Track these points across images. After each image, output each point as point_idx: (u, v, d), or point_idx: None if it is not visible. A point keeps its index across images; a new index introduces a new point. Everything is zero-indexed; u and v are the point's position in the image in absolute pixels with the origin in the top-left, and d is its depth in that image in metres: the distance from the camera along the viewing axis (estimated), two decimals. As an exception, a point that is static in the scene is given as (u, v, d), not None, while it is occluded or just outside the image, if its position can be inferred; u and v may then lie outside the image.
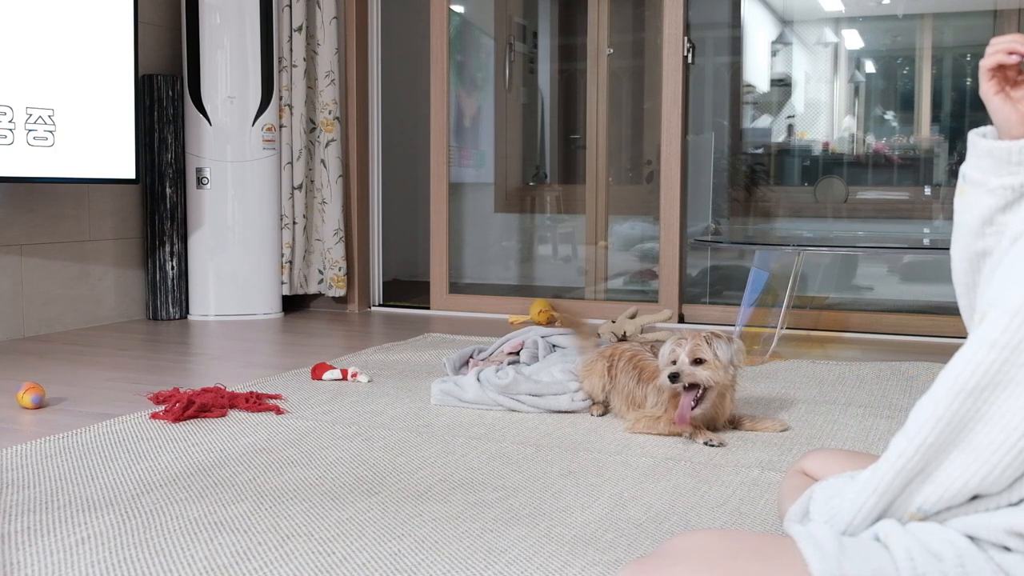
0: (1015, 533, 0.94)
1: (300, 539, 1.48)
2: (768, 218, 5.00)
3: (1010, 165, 1.11)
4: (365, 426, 2.21)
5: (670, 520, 1.59)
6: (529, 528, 1.53)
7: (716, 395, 2.09)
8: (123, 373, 2.90)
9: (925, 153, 4.80)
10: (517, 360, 2.81)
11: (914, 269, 4.56)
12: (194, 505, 1.65)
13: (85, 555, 1.42)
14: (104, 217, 3.91)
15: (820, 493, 1.13)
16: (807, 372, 2.88)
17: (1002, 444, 0.94)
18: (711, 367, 2.05)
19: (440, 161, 4.44)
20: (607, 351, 2.37)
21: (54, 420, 2.29)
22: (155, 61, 4.07)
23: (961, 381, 0.96)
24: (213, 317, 4.09)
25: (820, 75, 5.03)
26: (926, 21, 4.88)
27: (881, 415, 2.34)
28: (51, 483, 1.77)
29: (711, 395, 2.08)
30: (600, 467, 1.89)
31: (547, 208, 5.27)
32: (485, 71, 5.31)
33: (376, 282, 4.60)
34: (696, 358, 2.05)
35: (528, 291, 5.07)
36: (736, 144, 5.01)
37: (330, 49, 4.25)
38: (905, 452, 0.99)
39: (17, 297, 3.55)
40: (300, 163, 4.23)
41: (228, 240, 4.09)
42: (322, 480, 1.79)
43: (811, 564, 0.97)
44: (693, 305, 4.14)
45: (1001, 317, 0.96)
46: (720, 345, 2.06)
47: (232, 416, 2.30)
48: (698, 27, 4.38)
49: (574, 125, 5.17)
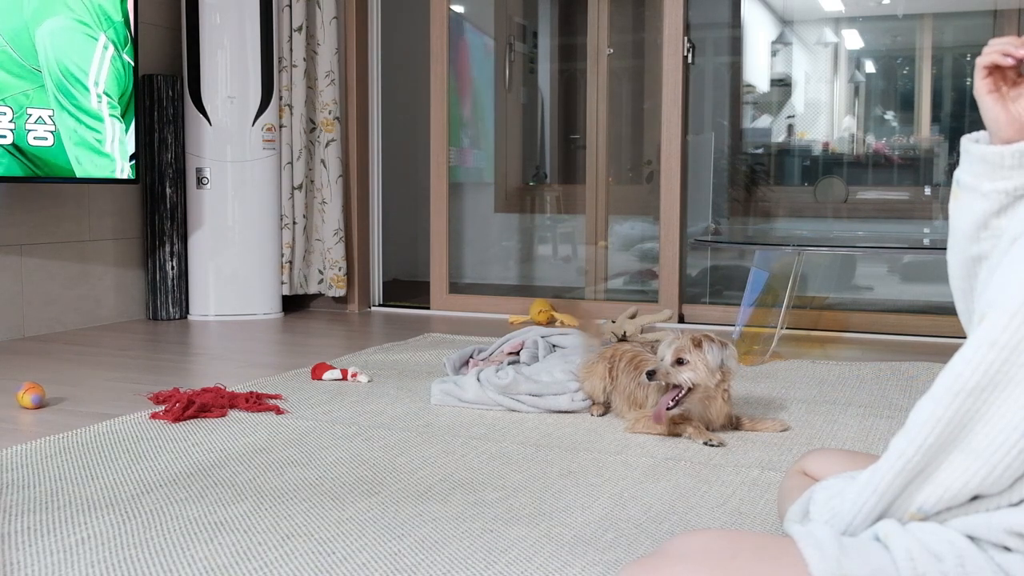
0: (1015, 533, 0.94)
1: (300, 539, 1.48)
2: (768, 218, 5.00)
3: (1003, 169, 1.10)
4: (365, 426, 2.21)
5: (670, 520, 1.59)
6: (529, 528, 1.53)
7: (701, 397, 2.08)
8: (123, 373, 2.90)
9: (925, 153, 4.80)
10: (517, 360, 2.81)
11: (914, 269, 4.56)
12: (194, 505, 1.65)
13: (85, 555, 1.42)
14: (104, 217, 3.91)
15: (820, 493, 1.13)
16: (807, 372, 2.88)
17: (1002, 444, 0.94)
18: (692, 368, 2.05)
19: (440, 161, 4.44)
20: (607, 352, 2.37)
21: (54, 420, 2.29)
22: (155, 61, 4.07)
23: (961, 381, 0.96)
24: (213, 317, 4.09)
25: (820, 75, 5.03)
26: (926, 21, 4.88)
27: (881, 415, 2.34)
28: (51, 483, 1.77)
29: (693, 396, 2.07)
30: (600, 467, 1.89)
31: (547, 208, 5.27)
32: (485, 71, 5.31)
33: (376, 282, 4.60)
34: (679, 358, 2.05)
35: (528, 291, 5.07)
36: (736, 144, 5.01)
37: (330, 49, 4.25)
38: (905, 452, 0.99)
39: (17, 297, 3.55)
40: (300, 163, 4.24)
41: (228, 240, 4.09)
42: (322, 480, 1.79)
43: (811, 564, 0.97)
44: (693, 305, 4.14)
45: (1001, 317, 0.96)
46: (711, 348, 2.05)
47: (232, 416, 2.30)
48: (698, 27, 4.38)
49: (574, 125, 5.17)
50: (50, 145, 3.39)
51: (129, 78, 3.66)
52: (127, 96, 3.66)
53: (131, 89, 3.68)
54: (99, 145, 3.56)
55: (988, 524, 0.96)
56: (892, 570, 0.96)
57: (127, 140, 3.67)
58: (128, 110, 3.67)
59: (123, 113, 3.65)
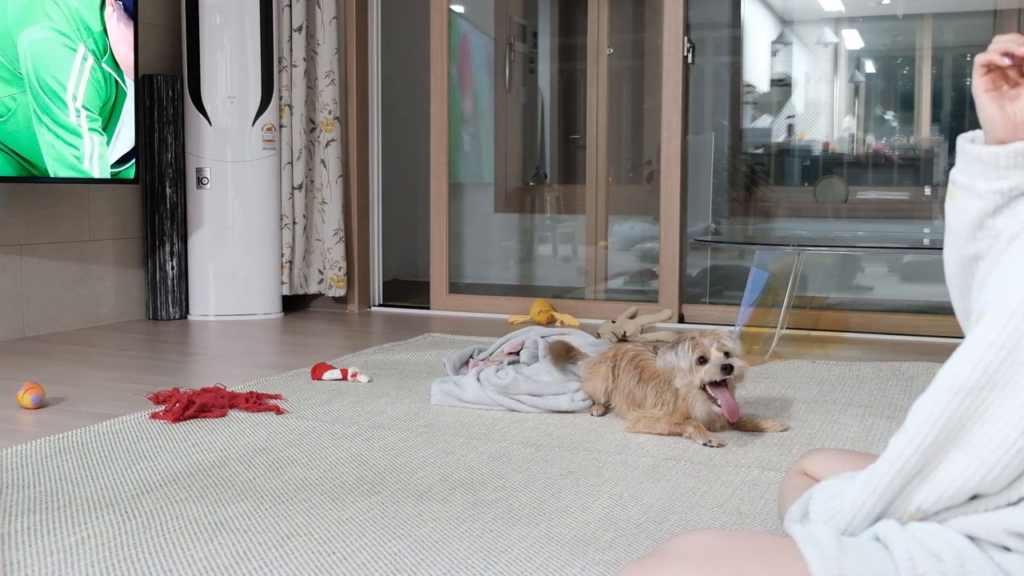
0: (1015, 533, 0.94)
1: (300, 539, 1.48)
2: (768, 218, 5.00)
3: (998, 170, 1.10)
4: (365, 426, 2.21)
5: (670, 520, 1.59)
6: (529, 528, 1.53)
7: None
8: (123, 373, 2.90)
9: (925, 153, 4.80)
10: (517, 360, 2.81)
11: (914, 269, 4.56)
12: (194, 505, 1.65)
13: (85, 555, 1.42)
14: (104, 217, 3.91)
15: (820, 493, 1.13)
16: (807, 372, 2.88)
17: (1001, 443, 0.94)
18: (740, 355, 2.08)
19: (440, 161, 4.44)
20: (609, 353, 2.37)
21: (54, 420, 2.29)
22: (155, 61, 4.07)
23: (959, 380, 0.96)
24: (213, 317, 4.09)
25: (820, 75, 5.03)
26: (926, 21, 4.88)
27: (881, 415, 2.34)
28: (51, 483, 1.77)
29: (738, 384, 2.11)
30: (600, 467, 1.89)
31: (547, 208, 5.27)
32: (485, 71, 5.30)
33: (376, 282, 4.61)
34: (725, 351, 2.06)
35: (528, 291, 5.07)
36: (736, 144, 5.01)
37: (330, 49, 4.25)
38: (904, 452, 0.99)
39: (17, 297, 3.55)
40: (300, 163, 4.24)
41: (228, 240, 4.09)
42: (322, 480, 1.79)
43: (811, 564, 0.97)
44: (693, 305, 4.14)
45: (999, 317, 0.96)
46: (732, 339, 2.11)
47: (232, 416, 2.30)
48: (698, 27, 4.38)
49: (574, 125, 5.17)
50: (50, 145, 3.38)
51: (111, 87, 3.61)
52: (109, 106, 3.61)
53: (114, 98, 3.62)
54: (77, 163, 3.50)
55: (987, 524, 0.96)
56: (892, 570, 0.96)
57: (109, 153, 3.62)
58: (112, 120, 3.61)
59: (105, 125, 3.59)
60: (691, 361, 2.06)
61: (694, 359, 2.06)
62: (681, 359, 2.08)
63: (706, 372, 2.05)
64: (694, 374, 2.06)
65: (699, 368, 2.05)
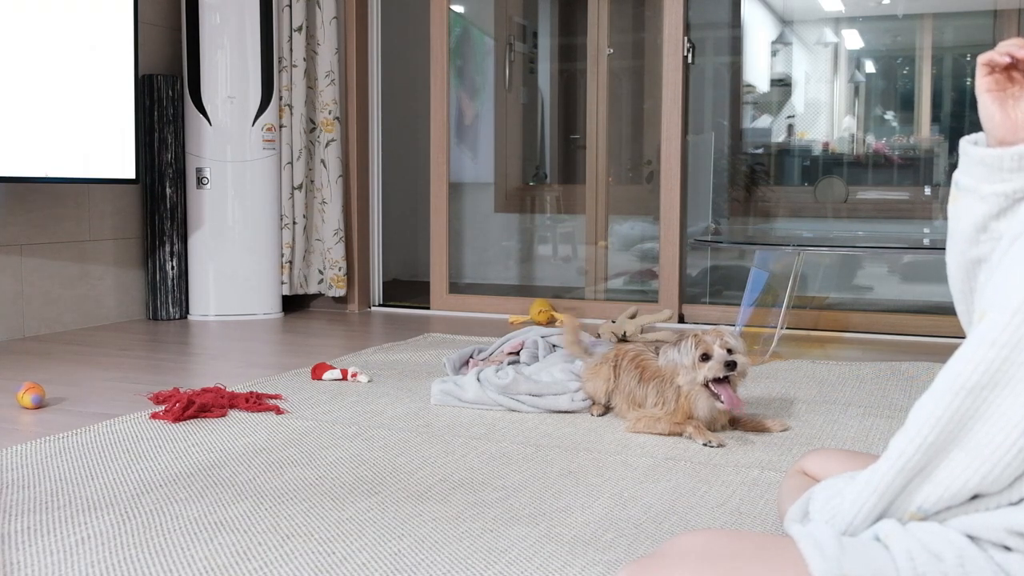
0: (1015, 532, 0.94)
1: (300, 539, 1.48)
2: (768, 218, 5.00)
3: (1002, 172, 1.10)
4: (365, 426, 2.21)
5: (670, 520, 1.58)
6: (529, 528, 1.53)
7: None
8: (123, 373, 2.90)
9: (925, 153, 4.80)
10: (517, 360, 2.81)
11: (914, 269, 4.56)
12: (194, 505, 1.65)
13: (85, 555, 1.42)
14: (104, 217, 3.91)
15: (820, 493, 1.12)
16: (807, 372, 2.88)
17: (1002, 443, 0.94)
18: (743, 352, 2.08)
19: (440, 161, 4.44)
20: (610, 353, 2.36)
21: (54, 420, 2.29)
22: (155, 61, 4.07)
23: (961, 380, 0.96)
24: (213, 317, 4.09)
25: (820, 75, 5.03)
26: (926, 21, 4.88)
27: (881, 415, 2.34)
28: (51, 483, 1.77)
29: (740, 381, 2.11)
30: (600, 467, 1.89)
31: (547, 208, 5.27)
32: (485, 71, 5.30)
33: (376, 282, 4.60)
34: (728, 348, 2.06)
35: (528, 291, 5.07)
36: (736, 144, 5.01)
37: (330, 49, 4.25)
38: (905, 451, 0.99)
39: (17, 297, 3.55)
40: (300, 163, 4.23)
41: (228, 240, 4.09)
42: (322, 480, 1.79)
43: (811, 564, 0.97)
44: (693, 305, 4.14)
45: (1001, 316, 0.96)
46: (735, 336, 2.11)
47: (232, 416, 2.30)
48: (698, 27, 4.38)
49: (574, 125, 5.17)
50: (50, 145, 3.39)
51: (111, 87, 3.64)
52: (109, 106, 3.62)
53: (114, 98, 3.66)
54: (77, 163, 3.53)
55: (988, 523, 0.96)
56: (892, 570, 0.96)
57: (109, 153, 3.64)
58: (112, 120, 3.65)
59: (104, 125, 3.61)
60: (694, 358, 2.06)
61: (697, 356, 2.06)
62: (684, 356, 2.08)
63: (709, 369, 2.05)
64: (697, 371, 2.06)
65: (702, 365, 2.05)
